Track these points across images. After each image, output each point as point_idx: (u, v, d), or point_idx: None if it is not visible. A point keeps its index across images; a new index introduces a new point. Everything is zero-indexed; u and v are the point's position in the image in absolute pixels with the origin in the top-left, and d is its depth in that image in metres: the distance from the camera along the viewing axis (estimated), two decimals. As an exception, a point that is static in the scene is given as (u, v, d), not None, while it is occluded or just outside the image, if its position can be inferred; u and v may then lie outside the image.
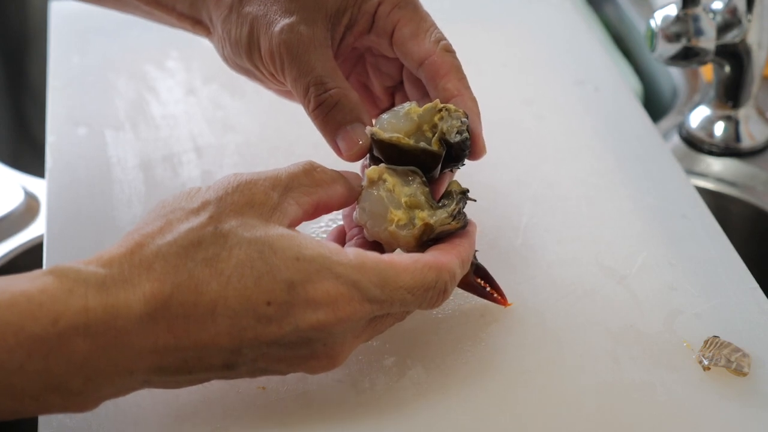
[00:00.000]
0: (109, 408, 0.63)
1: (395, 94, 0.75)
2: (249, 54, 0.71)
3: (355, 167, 0.70)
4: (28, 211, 0.95)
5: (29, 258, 0.92)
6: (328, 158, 0.68)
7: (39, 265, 0.76)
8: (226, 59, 0.74)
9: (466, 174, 0.71)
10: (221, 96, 0.92)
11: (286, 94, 0.75)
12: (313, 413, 0.64)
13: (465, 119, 0.66)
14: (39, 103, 1.02)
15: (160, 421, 0.63)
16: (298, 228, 0.62)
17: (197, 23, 0.75)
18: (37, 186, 0.97)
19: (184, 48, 0.97)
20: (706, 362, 0.67)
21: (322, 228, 0.76)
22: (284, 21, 0.68)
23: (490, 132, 0.71)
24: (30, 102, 1.35)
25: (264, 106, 0.91)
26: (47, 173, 0.84)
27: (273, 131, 0.88)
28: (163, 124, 0.89)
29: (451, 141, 0.65)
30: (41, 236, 0.90)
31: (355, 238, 0.67)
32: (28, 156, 1.31)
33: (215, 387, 0.64)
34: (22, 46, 1.36)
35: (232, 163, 0.85)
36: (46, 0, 1.06)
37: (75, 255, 0.75)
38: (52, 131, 0.88)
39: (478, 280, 0.68)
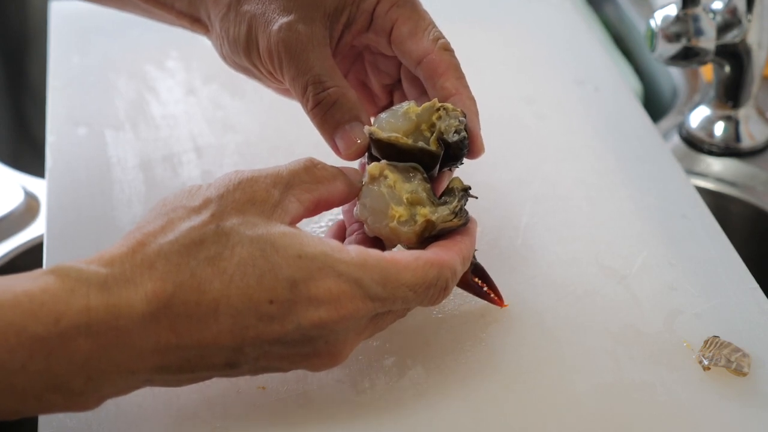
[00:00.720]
0: (110, 408, 0.63)
1: (394, 92, 0.75)
2: (247, 52, 0.71)
3: (354, 165, 0.70)
4: (28, 211, 0.95)
5: (29, 258, 0.92)
6: (329, 158, 0.68)
7: (39, 265, 0.76)
8: (224, 57, 0.74)
9: (466, 173, 0.71)
10: (221, 96, 0.92)
11: (286, 92, 0.75)
12: (313, 413, 0.64)
13: (463, 118, 0.66)
14: (39, 103, 1.02)
15: (160, 421, 0.63)
16: (298, 225, 0.62)
17: (196, 21, 0.75)
18: (37, 186, 0.97)
19: (184, 48, 0.97)
20: (706, 362, 0.67)
21: (322, 228, 0.76)
22: (282, 19, 0.68)
23: (490, 131, 0.71)
24: (30, 102, 1.35)
25: (264, 106, 0.91)
26: (47, 173, 0.84)
27: (273, 131, 0.88)
28: (163, 124, 0.89)
29: (449, 140, 0.65)
30: (41, 236, 0.90)
31: (356, 233, 0.67)
32: (28, 156, 1.31)
33: (215, 387, 0.64)
34: (22, 46, 1.36)
35: (232, 163, 0.85)
36: (46, 0, 1.06)
37: (75, 255, 0.74)
38: (52, 131, 0.88)
39: (476, 280, 0.68)
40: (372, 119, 0.69)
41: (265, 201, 0.60)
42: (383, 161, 0.66)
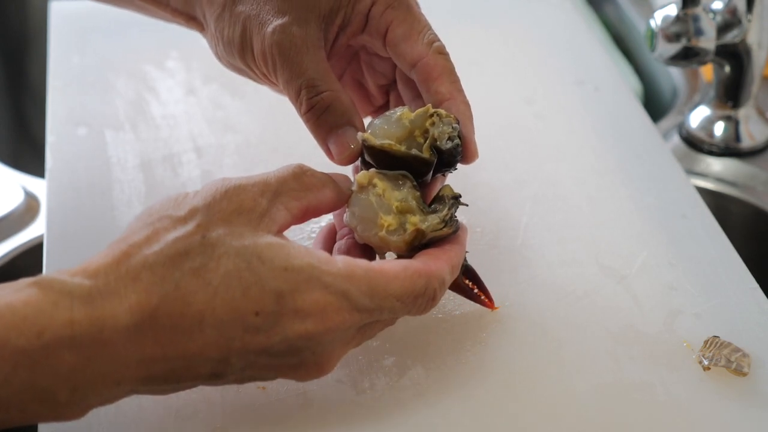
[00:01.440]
0: (110, 408, 0.63)
1: (390, 92, 0.75)
2: (242, 54, 0.70)
3: (348, 168, 0.70)
4: (28, 211, 0.95)
5: (29, 258, 0.92)
6: (328, 160, 0.68)
7: (39, 265, 0.76)
8: (219, 58, 0.73)
9: (465, 174, 0.71)
10: (221, 96, 0.92)
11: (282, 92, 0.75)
12: (313, 413, 0.64)
13: (456, 125, 0.66)
14: (39, 103, 1.02)
15: (160, 421, 0.63)
16: (292, 227, 0.62)
17: (191, 19, 0.74)
18: (37, 186, 0.97)
19: (184, 48, 0.97)
20: (706, 362, 0.67)
21: (314, 232, 0.76)
22: (277, 21, 0.68)
23: (490, 132, 0.71)
24: (30, 102, 1.35)
25: (264, 107, 0.91)
26: (47, 173, 0.84)
27: (273, 131, 0.88)
28: (163, 124, 0.89)
29: (442, 147, 0.65)
30: (41, 236, 0.90)
31: (346, 237, 0.66)
32: (28, 156, 1.31)
33: (215, 387, 0.64)
34: (22, 46, 1.36)
35: (232, 163, 0.85)
36: (46, 0, 1.05)
37: (75, 255, 0.75)
38: (52, 131, 0.88)
39: (467, 282, 0.68)
40: (366, 122, 0.69)
41: (252, 210, 0.59)
42: (372, 169, 0.65)
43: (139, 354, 0.55)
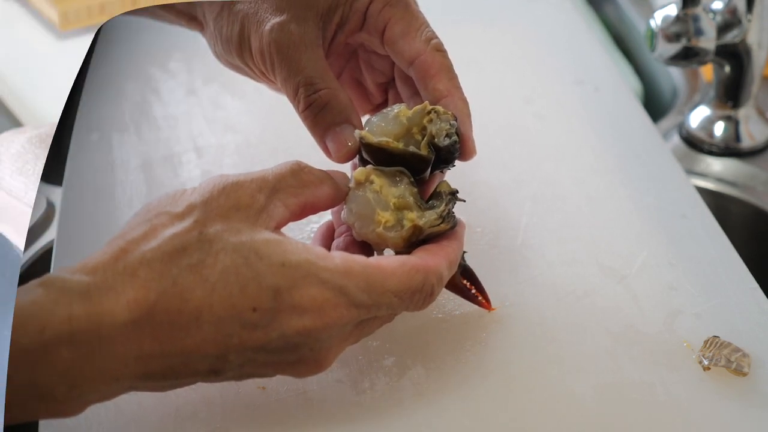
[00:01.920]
0: (110, 407, 0.63)
1: (389, 90, 0.75)
2: (240, 52, 0.70)
3: (346, 166, 0.70)
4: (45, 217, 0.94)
5: (43, 264, 0.91)
6: (327, 158, 0.68)
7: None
8: (218, 56, 0.74)
9: (464, 173, 0.71)
10: (222, 96, 0.92)
11: (281, 90, 0.75)
12: (313, 413, 0.64)
13: (454, 122, 0.66)
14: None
15: (160, 420, 0.63)
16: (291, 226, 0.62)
17: (192, 19, 0.74)
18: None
19: (186, 49, 0.97)
20: (706, 362, 0.67)
21: (314, 233, 0.76)
22: (275, 19, 0.68)
23: (489, 131, 0.71)
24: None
25: (264, 107, 0.91)
26: (65, 181, 0.84)
27: (273, 131, 0.88)
28: (163, 124, 0.89)
29: (440, 144, 0.65)
30: (52, 241, 0.90)
31: (344, 235, 0.66)
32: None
33: (215, 387, 0.64)
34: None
35: (232, 163, 0.85)
36: (47, 0, 1.06)
37: (78, 256, 0.75)
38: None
39: (464, 282, 0.68)
40: (363, 120, 0.69)
41: (250, 206, 0.59)
42: (369, 166, 0.65)
43: (137, 350, 0.55)
